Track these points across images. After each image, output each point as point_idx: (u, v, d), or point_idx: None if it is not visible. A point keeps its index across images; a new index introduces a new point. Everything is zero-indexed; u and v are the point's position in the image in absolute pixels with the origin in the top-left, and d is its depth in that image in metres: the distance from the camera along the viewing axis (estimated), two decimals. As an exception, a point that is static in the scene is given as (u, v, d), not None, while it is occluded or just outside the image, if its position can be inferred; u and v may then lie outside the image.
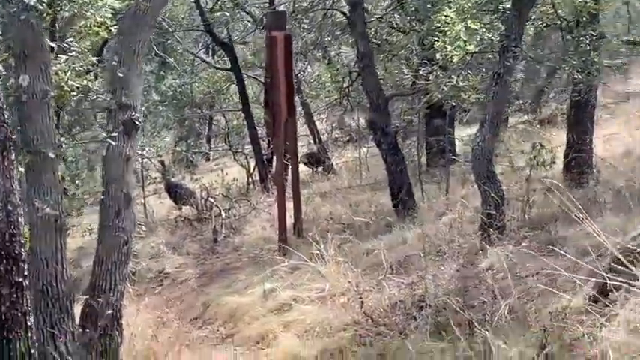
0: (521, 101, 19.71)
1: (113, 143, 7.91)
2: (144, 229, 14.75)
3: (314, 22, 18.73)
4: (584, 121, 12.18)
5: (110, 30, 9.26)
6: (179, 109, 20.52)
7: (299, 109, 19.89)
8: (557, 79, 18.60)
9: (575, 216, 10.19)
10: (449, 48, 10.35)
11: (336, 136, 24.89)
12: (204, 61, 22.06)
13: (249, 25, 21.56)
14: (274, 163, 20.97)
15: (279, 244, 13.59)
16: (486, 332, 7.17)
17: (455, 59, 10.40)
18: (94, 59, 8.18)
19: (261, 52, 21.33)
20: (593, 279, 7.52)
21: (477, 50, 10.53)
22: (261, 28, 20.02)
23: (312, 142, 21.70)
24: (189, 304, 12.74)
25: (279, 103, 13.46)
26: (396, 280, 9.97)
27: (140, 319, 10.99)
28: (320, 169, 20.35)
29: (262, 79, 21.80)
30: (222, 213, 16.30)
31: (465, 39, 10.24)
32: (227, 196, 18.00)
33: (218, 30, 20.73)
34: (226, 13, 19.34)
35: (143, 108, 17.29)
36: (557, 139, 15.91)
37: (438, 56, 10.53)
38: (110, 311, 7.93)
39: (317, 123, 22.47)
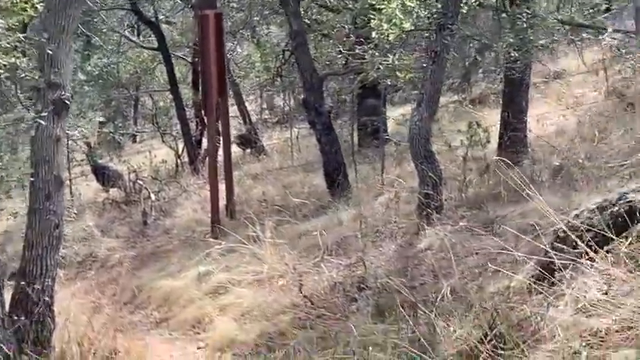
0: (451, 81, 19.69)
1: (43, 123, 7.61)
2: (75, 211, 14.40)
3: (244, 1, 18.51)
4: (518, 99, 12.12)
5: (37, 8, 8.92)
6: (105, 90, 20.09)
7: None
8: (488, 58, 18.57)
9: (513, 195, 10.28)
10: (385, 26, 10.17)
11: (266, 117, 24.70)
12: (130, 40, 21.62)
13: (178, 2, 21.21)
14: (203, 145, 20.79)
15: (212, 226, 13.36)
16: (430, 314, 7.05)
17: (391, 37, 10.22)
18: (21, 36, 7.83)
19: (188, 31, 21.02)
20: (536, 257, 7.42)
21: (412, 28, 10.36)
22: (189, 6, 19.73)
23: (242, 122, 21.44)
24: (121, 289, 12.43)
25: (211, 82, 13.20)
26: (334, 262, 9.80)
27: (72, 304, 10.73)
28: (250, 150, 20.12)
29: (190, 59, 21.53)
30: (152, 195, 16.01)
31: (401, 17, 10.07)
32: (156, 178, 17.70)
33: (144, 8, 20.37)
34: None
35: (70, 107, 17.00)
36: (490, 118, 15.91)
37: (374, 34, 10.33)
38: (42, 297, 7.66)
39: (247, 104, 22.21)
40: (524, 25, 9.99)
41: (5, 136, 17.65)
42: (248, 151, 20.18)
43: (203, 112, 13.85)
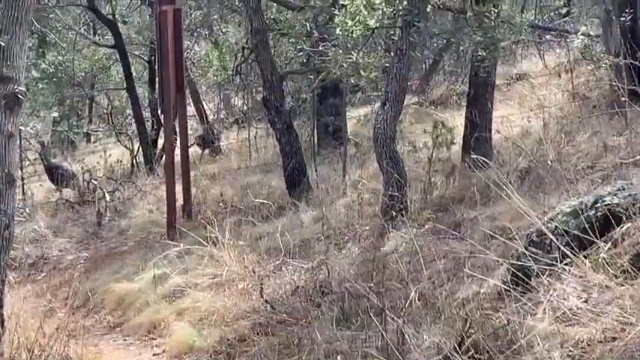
0: (410, 82, 19.48)
1: (-6, 118, 7.24)
2: (27, 212, 13.98)
3: (202, -1, 18.21)
4: (483, 100, 11.91)
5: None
6: (60, 88, 19.62)
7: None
8: (450, 58, 18.39)
9: (480, 197, 10.05)
10: (349, 23, 9.89)
11: (223, 116, 24.34)
12: (86, 37, 21.16)
13: (134, 1, 20.83)
14: (159, 145, 20.41)
15: (168, 227, 13.01)
16: (399, 320, 6.78)
17: (357, 34, 9.93)
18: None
19: (145, 29, 20.65)
20: (508, 262, 7.18)
21: (377, 25, 10.08)
22: (146, 4, 19.37)
23: (199, 122, 21.07)
24: (73, 292, 12.06)
25: (168, 79, 12.84)
26: (295, 265, 9.48)
27: (22, 308, 10.34)
28: (208, 150, 19.77)
29: (147, 58, 21.16)
30: (107, 195, 15.61)
31: (365, 13, 9.80)
32: (111, 178, 17.31)
33: (101, 6, 19.98)
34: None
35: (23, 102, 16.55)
36: (452, 120, 15.75)
37: (338, 31, 10.04)
38: (-10, 301, 7.30)
39: (204, 103, 21.87)
40: (492, 24, 9.73)
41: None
42: (205, 151, 19.81)
43: (160, 109, 13.41)
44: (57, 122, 20.94)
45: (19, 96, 7.49)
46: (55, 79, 19.27)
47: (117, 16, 19.89)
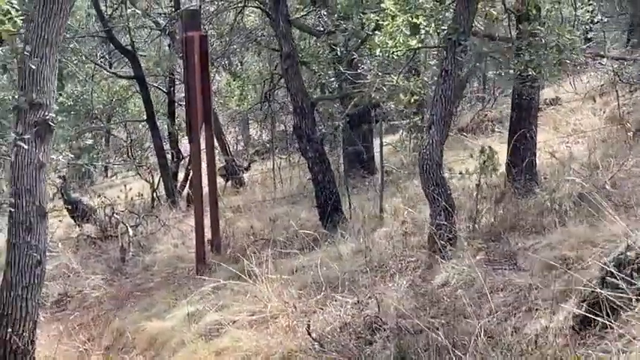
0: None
1: (24, 147, 6.75)
2: (59, 246, 13.48)
3: (223, 27, 17.77)
4: (527, 124, 11.41)
5: (16, 22, 8.05)
6: (78, 121, 19.16)
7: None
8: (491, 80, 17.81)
9: (533, 225, 9.51)
10: (389, 43, 9.41)
11: (241, 148, 23.91)
12: (105, 69, 20.70)
13: (154, 31, 20.39)
14: (180, 177, 19.94)
15: (197, 261, 12.49)
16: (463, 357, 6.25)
17: (398, 54, 9.45)
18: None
19: (164, 60, 20.22)
20: (579, 294, 6.64)
21: (420, 45, 9.60)
22: (166, 33, 18.93)
23: (220, 153, 20.55)
24: (99, 332, 11.56)
25: (195, 107, 12.36)
26: (340, 300, 8.91)
27: (55, 350, 9.84)
28: (231, 182, 19.28)
29: (166, 89, 20.73)
30: (130, 230, 15.10)
31: (407, 33, 9.32)
32: (133, 212, 16.80)
33: (119, 36, 19.59)
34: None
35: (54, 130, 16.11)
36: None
37: (377, 52, 9.54)
38: (22, 344, 6.78)
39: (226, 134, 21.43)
40: (542, 41, 9.22)
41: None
42: (228, 183, 19.31)
43: (188, 138, 12.88)
44: (76, 156, 20.45)
45: (50, 123, 7.01)
46: (73, 112, 18.80)
47: (135, 46, 19.40)
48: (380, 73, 9.83)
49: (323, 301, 9.04)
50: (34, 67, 6.81)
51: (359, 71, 10.80)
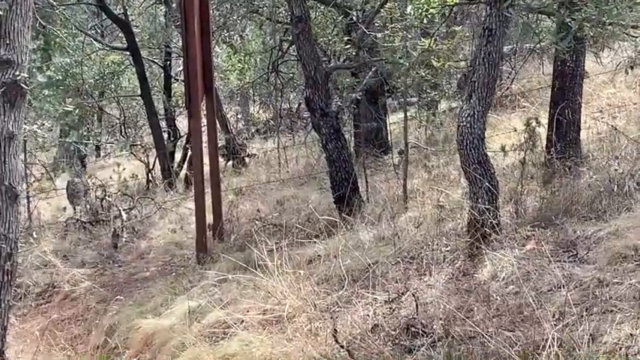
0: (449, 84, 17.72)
1: (-12, 113, 5.44)
2: (34, 235, 12.16)
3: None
4: (571, 95, 10.09)
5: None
6: (66, 95, 17.74)
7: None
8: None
9: (589, 210, 8.23)
10: (422, -1, 8.09)
11: (243, 125, 22.58)
12: (96, 40, 19.27)
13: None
14: (177, 157, 18.62)
15: (197, 249, 11.20)
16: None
17: (432, 11, 8.11)
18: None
19: (160, 31, 18.89)
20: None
21: (458, 1, 8.25)
22: (161, 1, 17.62)
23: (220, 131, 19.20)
24: (87, 328, 10.29)
25: (196, 77, 11.03)
26: (367, 297, 7.59)
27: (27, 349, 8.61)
28: (233, 162, 17.95)
29: (161, 63, 19.42)
30: (123, 214, 13.81)
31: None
32: (126, 194, 15.50)
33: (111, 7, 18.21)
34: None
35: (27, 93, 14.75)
36: (507, 122, 14.00)
37: (409, 10, 8.21)
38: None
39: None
40: (600, -3, 7.87)
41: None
42: (229, 163, 17.97)
43: (188, 111, 11.49)
44: (65, 134, 19.06)
45: (22, 85, 5.68)
46: (62, 87, 17.38)
47: (129, 17, 18.01)
48: (410, 36, 8.46)
49: (347, 298, 7.73)
50: (0, 13, 5.48)
51: (384, 34, 9.41)
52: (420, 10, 8.10)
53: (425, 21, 8.52)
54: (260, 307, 8.03)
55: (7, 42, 5.66)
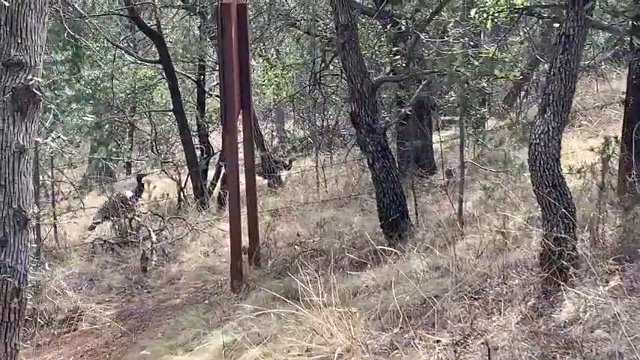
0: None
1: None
2: (47, 267, 11.31)
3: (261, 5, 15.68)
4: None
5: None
6: (96, 109, 16.96)
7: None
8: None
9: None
10: (488, 2, 7.19)
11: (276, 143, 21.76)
12: (128, 52, 18.48)
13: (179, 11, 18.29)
14: (210, 175, 17.79)
15: (232, 276, 10.34)
16: None
17: (501, 16, 7.22)
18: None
19: (194, 44, 18.11)
20: None
21: (529, 4, 7.34)
22: (196, 12, 16.83)
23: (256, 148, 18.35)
24: (113, 363, 9.45)
25: (232, 92, 10.18)
26: (426, 338, 6.67)
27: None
28: (269, 181, 17.08)
29: (195, 77, 18.63)
30: (153, 235, 12.97)
31: (512, -11, 7.11)
32: (157, 214, 14.66)
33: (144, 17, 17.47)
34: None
35: (53, 106, 14.02)
36: (565, 142, 13.05)
37: (473, 14, 7.32)
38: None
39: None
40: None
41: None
42: (264, 181, 17.11)
43: (223, 126, 10.63)
44: (94, 150, 18.27)
45: (36, 91, 4.83)
46: (91, 101, 16.59)
47: (162, 28, 17.22)
48: (472, 43, 7.57)
49: (403, 339, 6.82)
50: (7, 4, 4.64)
51: (444, 40, 8.49)
52: (485, 14, 7.18)
53: (489, 26, 7.60)
54: (303, 347, 7.14)
55: (19, 41, 4.84)
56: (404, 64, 10.36)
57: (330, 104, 17.48)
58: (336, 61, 15.39)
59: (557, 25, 7.27)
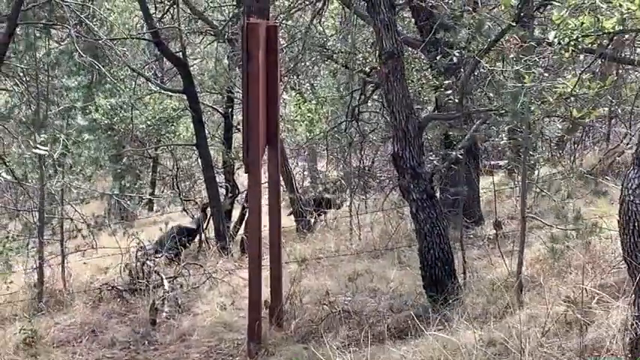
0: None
1: None
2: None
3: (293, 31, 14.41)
4: None
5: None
6: (113, 141, 15.67)
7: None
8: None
9: None
10: (571, 24, 5.79)
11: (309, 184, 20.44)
12: (149, 80, 17.19)
13: (206, 37, 17.07)
14: (235, 216, 16.51)
15: (249, 337, 8.95)
16: None
17: (585, 41, 5.83)
18: None
19: (222, 74, 16.85)
20: None
21: (620, 28, 5.93)
22: (225, 39, 15.55)
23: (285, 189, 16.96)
24: None
25: (257, 123, 8.81)
26: None
27: None
28: (298, 225, 15.73)
29: (222, 110, 17.36)
30: (165, 282, 11.61)
31: (603, 7, 5.72)
32: (173, 259, 13.34)
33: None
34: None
35: (62, 136, 12.79)
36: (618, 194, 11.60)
37: (552, 38, 5.91)
38: None
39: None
40: None
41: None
42: (292, 225, 15.76)
43: (244, 164, 9.17)
44: (114, 186, 17.01)
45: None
46: (108, 132, 15.29)
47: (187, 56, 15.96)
48: (547, 75, 6.16)
49: None
50: None
51: (513, 69, 7.05)
52: (568, 39, 5.77)
53: (567, 55, 6.19)
54: None
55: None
56: (456, 100, 8.95)
57: (367, 143, 16.09)
58: (375, 96, 14.07)
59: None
